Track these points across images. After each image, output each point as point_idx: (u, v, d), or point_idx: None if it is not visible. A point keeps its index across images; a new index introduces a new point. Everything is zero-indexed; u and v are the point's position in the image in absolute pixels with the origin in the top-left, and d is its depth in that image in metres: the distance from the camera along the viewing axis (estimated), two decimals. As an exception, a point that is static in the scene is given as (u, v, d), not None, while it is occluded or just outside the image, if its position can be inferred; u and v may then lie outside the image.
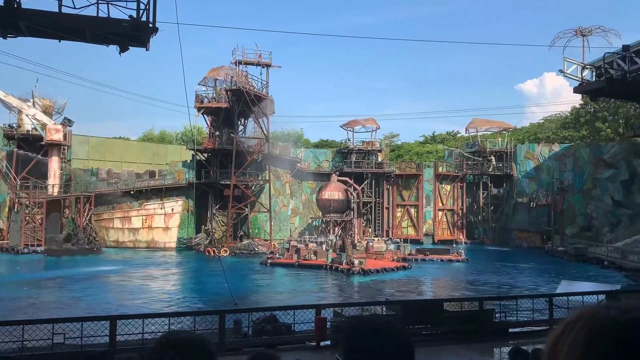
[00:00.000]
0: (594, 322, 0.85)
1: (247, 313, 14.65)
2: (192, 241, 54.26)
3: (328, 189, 56.34)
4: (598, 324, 0.84)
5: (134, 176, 59.44)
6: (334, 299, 29.36)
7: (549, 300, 16.21)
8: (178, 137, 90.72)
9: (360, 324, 1.60)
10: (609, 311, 0.85)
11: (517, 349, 6.27)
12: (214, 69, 56.91)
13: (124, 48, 13.28)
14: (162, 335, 1.72)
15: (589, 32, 45.00)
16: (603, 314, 0.85)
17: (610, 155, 57.09)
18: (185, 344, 1.59)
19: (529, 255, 51.67)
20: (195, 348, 1.58)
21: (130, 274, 38.31)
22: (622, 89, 21.74)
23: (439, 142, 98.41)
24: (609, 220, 55.79)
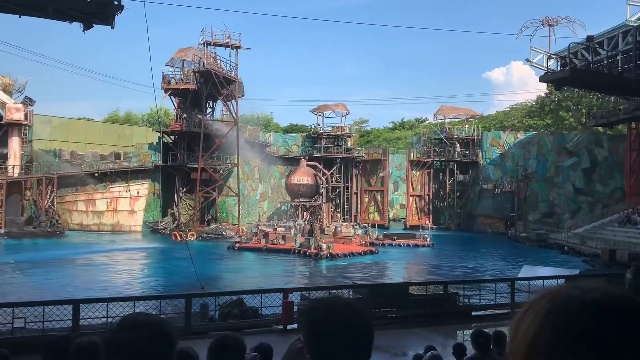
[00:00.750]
0: (555, 300, 0.87)
1: (213, 297, 14.60)
2: (158, 225, 53.58)
3: (297, 174, 56.29)
4: (559, 302, 0.87)
5: (99, 158, 58.13)
6: (302, 283, 29.50)
7: (511, 284, 16.64)
8: (144, 119, 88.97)
9: (322, 306, 1.61)
10: (572, 291, 0.88)
11: (479, 332, 6.41)
12: (181, 49, 55.86)
13: (87, 25, 12.88)
14: (121, 317, 1.68)
15: (555, 22, 45.80)
16: (565, 293, 0.88)
17: (572, 144, 58.61)
18: (143, 325, 1.55)
19: (493, 240, 52.86)
20: (154, 330, 1.55)
21: (94, 257, 37.65)
22: (586, 78, 22.29)
23: (408, 128, 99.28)
24: (570, 207, 57.44)
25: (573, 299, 0.86)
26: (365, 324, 1.55)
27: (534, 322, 0.87)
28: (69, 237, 48.09)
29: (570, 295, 0.87)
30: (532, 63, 46.99)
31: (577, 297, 0.86)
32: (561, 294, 0.88)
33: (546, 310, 0.87)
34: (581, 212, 55.55)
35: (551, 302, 0.88)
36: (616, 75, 24.48)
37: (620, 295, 0.87)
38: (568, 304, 0.86)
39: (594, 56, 35.52)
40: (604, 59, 35.55)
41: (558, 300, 0.87)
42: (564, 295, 0.88)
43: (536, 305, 0.89)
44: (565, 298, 0.87)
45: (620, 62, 34.51)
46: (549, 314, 0.86)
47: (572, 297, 0.87)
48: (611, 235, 42.95)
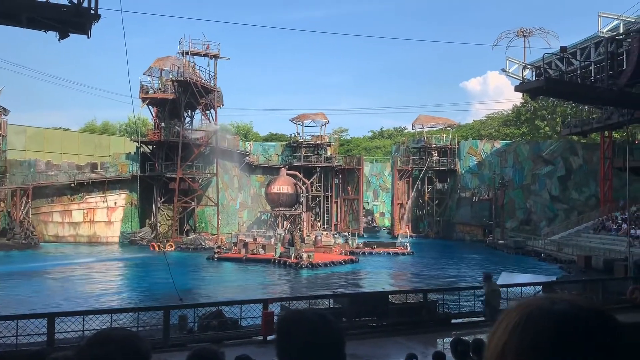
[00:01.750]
0: (525, 311, 0.88)
1: (192, 308, 14.43)
2: (136, 235, 52.86)
3: (277, 183, 56.17)
4: (529, 313, 0.87)
5: (75, 168, 57.24)
6: (282, 293, 29.34)
7: (490, 291, 16.76)
8: (122, 129, 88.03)
9: (291, 317, 1.63)
10: (542, 302, 0.89)
11: (459, 340, 6.45)
12: (160, 58, 55.50)
13: (63, 35, 12.72)
14: (94, 332, 1.65)
15: (529, 33, 46.75)
16: (536, 304, 0.89)
17: (548, 152, 59.61)
18: (115, 340, 1.53)
19: (471, 248, 53.32)
20: (125, 344, 1.53)
21: (70, 269, 36.95)
22: (559, 88, 22.74)
23: (387, 137, 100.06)
24: (546, 214, 58.31)
25: (541, 311, 0.86)
26: (335, 335, 1.56)
27: (504, 333, 0.88)
28: (44, 249, 47.16)
29: (539, 307, 0.87)
30: (507, 73, 47.78)
31: (545, 309, 0.87)
32: (531, 306, 0.89)
33: (515, 322, 0.87)
34: (557, 219, 56.42)
35: (520, 314, 0.88)
36: (589, 85, 25.05)
37: (588, 306, 0.87)
38: (536, 315, 0.86)
39: (568, 66, 36.28)
40: (577, 69, 36.32)
41: (527, 311, 0.88)
42: (533, 307, 0.88)
43: (508, 317, 0.90)
44: (534, 309, 0.87)
45: (593, 72, 35.27)
46: (517, 326, 0.86)
47: (540, 309, 0.87)
48: (587, 241, 43.69)
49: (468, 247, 53.90)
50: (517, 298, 17.26)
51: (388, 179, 78.50)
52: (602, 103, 30.52)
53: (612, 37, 26.74)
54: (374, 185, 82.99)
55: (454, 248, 53.86)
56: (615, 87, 21.68)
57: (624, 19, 36.78)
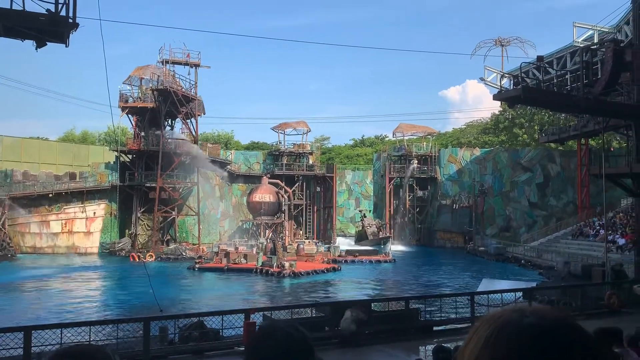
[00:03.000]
0: (496, 324, 0.89)
1: (173, 319, 14.26)
2: (115, 246, 52.13)
3: (259, 192, 55.96)
4: (500, 326, 0.88)
5: (53, 178, 56.36)
6: (264, 302, 29.15)
7: (471, 298, 16.90)
8: (101, 138, 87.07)
9: (260, 330, 1.65)
10: (512, 315, 0.89)
11: (440, 347, 6.48)
12: (139, 67, 55.12)
13: (41, 43, 12.56)
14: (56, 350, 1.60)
15: (507, 42, 47.57)
16: (506, 316, 0.89)
17: (526, 160, 60.45)
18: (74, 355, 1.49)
19: (452, 255, 53.65)
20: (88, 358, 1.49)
21: (48, 281, 36.27)
22: (537, 97, 23.10)
23: (368, 145, 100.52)
24: (525, 221, 59.01)
25: (511, 323, 0.87)
26: (304, 347, 1.57)
27: (476, 347, 0.88)
28: (21, 261, 46.24)
29: (509, 320, 0.88)
30: (486, 82, 48.47)
31: (516, 321, 0.87)
32: (501, 319, 0.89)
33: (487, 336, 0.87)
34: (536, 226, 57.13)
35: (492, 327, 0.88)
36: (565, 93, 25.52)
37: (557, 318, 0.88)
38: (506, 328, 0.87)
39: (545, 75, 36.99)
40: (554, 78, 37.06)
41: (498, 325, 0.88)
42: (504, 320, 0.88)
43: (480, 330, 0.90)
44: (504, 322, 0.88)
45: (569, 81, 36.03)
46: (489, 339, 0.87)
47: (511, 321, 0.87)
48: (565, 247, 44.28)
49: (449, 255, 54.22)
50: (498, 305, 17.41)
51: (370, 186, 78.79)
52: (578, 111, 31.11)
53: (587, 46, 27.33)
54: (356, 193, 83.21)
55: (436, 255, 54.14)
56: (591, 95, 22.12)
57: (598, 29, 37.66)
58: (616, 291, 18.51)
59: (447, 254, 55.30)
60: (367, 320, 14.03)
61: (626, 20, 32.95)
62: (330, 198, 64.65)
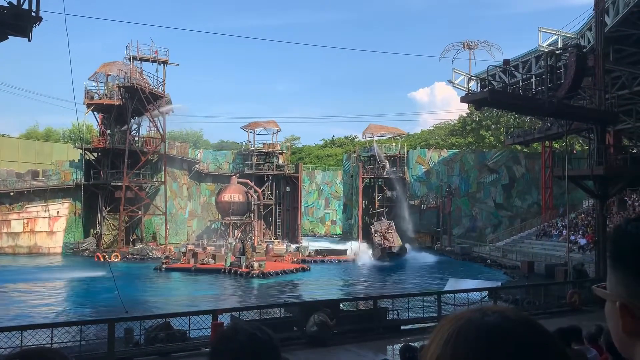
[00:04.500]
0: (457, 324, 0.89)
1: (138, 321, 14.01)
2: (79, 246, 50.95)
3: (228, 191, 55.51)
4: (460, 326, 0.88)
5: (15, 176, 54.74)
6: (232, 303, 28.92)
7: (438, 297, 17.13)
8: (65, 135, 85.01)
9: (225, 331, 1.65)
10: (473, 314, 0.90)
11: (407, 346, 6.53)
12: (105, 63, 54.02)
13: (2, 37, 12.20)
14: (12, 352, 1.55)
15: (475, 45, 48.35)
16: (467, 317, 0.89)
17: (492, 161, 61.59)
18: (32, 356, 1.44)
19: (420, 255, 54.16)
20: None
21: (6, 283, 35.17)
22: (503, 99, 23.57)
23: (338, 145, 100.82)
24: (491, 221, 60.13)
25: (472, 323, 0.87)
26: (269, 347, 1.56)
27: (438, 346, 0.88)
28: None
29: (470, 319, 0.88)
30: (454, 84, 49.19)
31: (476, 321, 0.87)
32: (462, 318, 0.89)
33: (448, 335, 0.87)
34: (502, 226, 58.27)
35: (452, 327, 0.88)
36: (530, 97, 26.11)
37: (517, 317, 0.88)
38: (467, 327, 0.87)
39: (511, 78, 37.75)
40: (520, 81, 37.83)
41: (459, 324, 0.88)
42: (465, 320, 0.88)
43: (442, 330, 0.90)
44: (465, 322, 0.88)
45: (534, 85, 36.85)
46: (450, 339, 0.87)
47: (471, 321, 0.87)
48: (529, 247, 45.29)
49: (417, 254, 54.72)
50: (465, 304, 17.69)
51: (339, 187, 78.99)
52: (542, 114, 31.87)
53: (552, 51, 28.01)
54: (326, 193, 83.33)
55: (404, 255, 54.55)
56: (555, 99, 22.68)
57: (562, 34, 38.63)
58: (578, 290, 19.01)
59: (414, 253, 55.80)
60: (332, 324, 14.04)
61: (589, 27, 33.91)
62: (294, 198, 64.59)
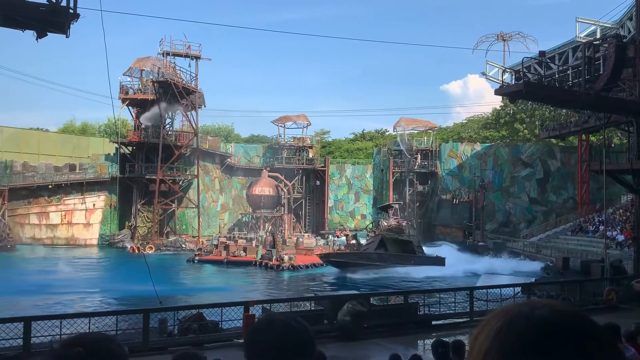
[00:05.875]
0: (507, 317, 0.89)
1: (172, 311, 14.28)
2: (115, 238, 52.20)
3: (259, 185, 55.98)
4: (510, 318, 0.88)
5: (53, 169, 56.36)
6: (263, 295, 29.22)
7: (470, 293, 16.92)
8: (101, 130, 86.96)
9: (260, 322, 1.66)
10: (523, 307, 0.90)
11: (439, 342, 6.48)
12: (140, 59, 54.98)
13: (41, 34, 12.50)
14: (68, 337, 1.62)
15: (509, 37, 47.31)
16: (517, 309, 0.90)
17: (527, 155, 60.40)
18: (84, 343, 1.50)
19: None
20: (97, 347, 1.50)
21: (47, 272, 36.32)
22: (538, 92, 23.04)
23: (368, 139, 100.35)
24: (525, 216, 59.05)
25: (522, 316, 0.87)
26: (305, 339, 1.57)
27: (486, 340, 0.88)
28: (20, 252, 46.29)
29: (519, 312, 0.88)
30: (487, 76, 48.32)
31: (526, 314, 0.87)
32: (512, 311, 0.89)
33: (497, 328, 0.88)
34: (536, 222, 57.16)
35: (502, 319, 0.88)
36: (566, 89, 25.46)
37: (567, 311, 0.88)
38: (516, 321, 0.87)
39: (546, 70, 36.84)
40: (556, 73, 36.94)
41: (508, 317, 0.88)
42: (514, 312, 0.89)
43: (490, 322, 0.90)
44: (514, 315, 0.88)
45: (571, 77, 35.93)
46: (499, 332, 0.87)
47: (521, 314, 0.88)
48: (564, 243, 44.32)
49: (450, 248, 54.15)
50: (497, 300, 17.44)
51: (370, 181, 78.73)
52: (579, 107, 31.06)
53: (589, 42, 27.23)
54: (356, 187, 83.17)
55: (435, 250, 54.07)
56: (592, 91, 22.06)
57: (600, 24, 37.50)
58: (615, 287, 18.54)
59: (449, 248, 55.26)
60: (367, 312, 14.03)
61: (629, 16, 32.83)
62: (321, 191, 64.76)
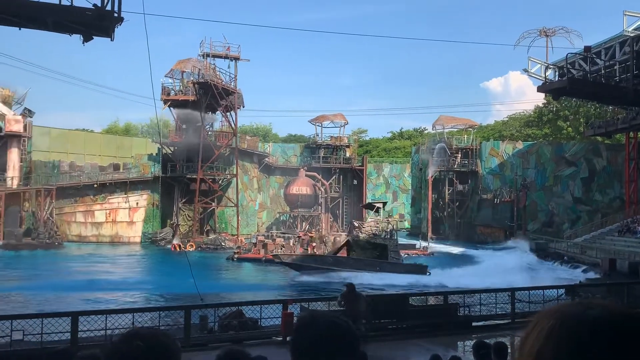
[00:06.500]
0: (559, 316, 0.88)
1: (213, 308, 14.52)
2: (157, 236, 53.45)
3: (296, 184, 56.31)
4: (561, 319, 0.87)
5: (98, 169, 58.12)
6: (301, 294, 29.34)
7: (511, 294, 16.58)
8: (144, 130, 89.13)
9: (304, 318, 1.66)
10: (575, 307, 0.89)
11: (481, 343, 6.38)
12: (181, 61, 56.07)
13: (87, 38, 12.91)
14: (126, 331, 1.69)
15: (552, 32, 46.08)
16: (569, 310, 0.89)
17: (571, 154, 58.72)
18: (141, 337, 1.57)
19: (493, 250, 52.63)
20: (151, 341, 1.57)
21: (92, 269, 37.48)
22: (583, 88, 22.37)
23: (407, 138, 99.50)
24: (569, 216, 57.42)
25: (575, 316, 0.87)
26: (351, 336, 1.57)
27: (538, 339, 0.88)
28: (67, 249, 47.92)
29: (573, 312, 0.88)
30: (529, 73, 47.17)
31: (579, 314, 0.87)
32: (564, 311, 0.89)
33: (549, 327, 0.87)
34: (580, 222, 55.52)
35: (554, 319, 0.88)
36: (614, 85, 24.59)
37: (621, 311, 0.87)
38: (570, 321, 0.86)
39: (592, 66, 35.71)
40: (602, 68, 35.75)
41: (561, 317, 0.88)
42: (567, 312, 0.88)
43: (541, 322, 0.90)
44: (568, 315, 0.87)
45: (618, 72, 34.69)
46: (552, 331, 0.86)
47: (574, 314, 0.87)
48: (611, 244, 42.85)
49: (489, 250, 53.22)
50: (540, 301, 17.02)
51: (408, 180, 78.09)
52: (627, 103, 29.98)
53: (638, 36, 26.23)
54: (394, 186, 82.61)
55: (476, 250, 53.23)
56: (641, 87, 21.26)
57: (650, 18, 36.05)
58: (665, 290, 17.82)
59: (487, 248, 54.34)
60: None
61: (680, 8, 31.45)
62: (358, 190, 64.59)
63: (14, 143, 51.43)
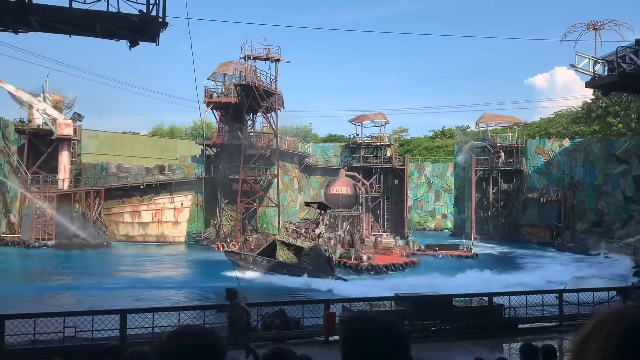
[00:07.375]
0: (625, 321, 0.85)
1: (256, 307, 14.69)
2: (201, 235, 54.48)
3: (336, 184, 56.25)
4: (630, 324, 0.85)
5: (144, 171, 59.72)
6: (342, 294, 29.28)
7: (559, 296, 16.12)
8: (187, 132, 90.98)
9: (358, 318, 1.65)
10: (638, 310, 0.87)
11: (529, 345, 6.23)
12: (223, 63, 56.95)
13: (133, 43, 13.27)
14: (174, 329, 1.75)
15: (601, 26, 44.51)
16: (633, 313, 0.86)
17: (622, 151, 56.58)
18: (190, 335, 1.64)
19: (539, 251, 51.32)
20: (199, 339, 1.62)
21: (140, 268, 38.53)
22: (635, 83, 21.50)
23: (449, 137, 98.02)
24: (620, 216, 55.35)
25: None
26: (401, 340, 1.57)
27: (607, 345, 0.85)
28: (115, 248, 49.41)
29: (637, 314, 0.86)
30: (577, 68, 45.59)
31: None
32: (630, 315, 0.86)
33: (618, 333, 0.85)
34: (632, 221, 53.42)
35: (621, 324, 0.85)
36: (667, 78, 23.56)
37: None
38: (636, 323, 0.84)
39: (644, 60, 34.26)
40: (655, 62, 34.25)
41: (629, 322, 0.85)
42: (634, 317, 0.85)
43: (604, 325, 0.86)
44: (632, 318, 0.85)
45: (672, 65, 33.19)
46: (622, 338, 0.84)
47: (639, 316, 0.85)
48: (665, 245, 41.10)
49: (536, 250, 51.92)
50: (589, 303, 16.48)
51: (450, 179, 76.94)
52: (682, 98, 28.66)
53: (694, 27, 25.04)
54: (436, 186, 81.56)
55: (522, 251, 52.03)
56: (698, 80, 20.28)
57: None
58: None
59: (533, 249, 53.01)
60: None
61: None
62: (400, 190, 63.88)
63: (64, 146, 53.42)
